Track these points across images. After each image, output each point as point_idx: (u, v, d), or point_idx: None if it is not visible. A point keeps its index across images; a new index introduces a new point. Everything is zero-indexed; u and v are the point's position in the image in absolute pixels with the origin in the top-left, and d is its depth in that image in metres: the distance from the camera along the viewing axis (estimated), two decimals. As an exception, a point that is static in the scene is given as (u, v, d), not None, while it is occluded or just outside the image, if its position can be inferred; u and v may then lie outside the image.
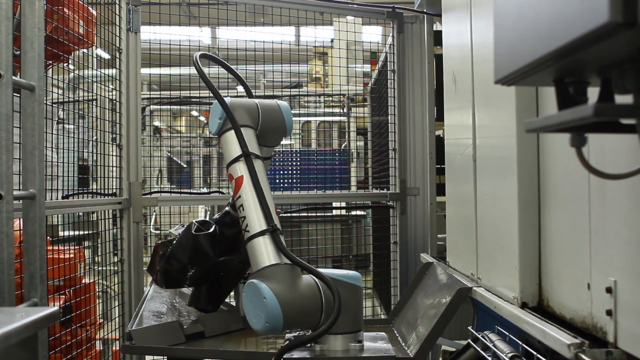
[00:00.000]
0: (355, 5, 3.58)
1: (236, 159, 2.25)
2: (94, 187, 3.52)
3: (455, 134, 2.73)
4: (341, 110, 7.02)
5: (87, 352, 3.03)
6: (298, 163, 5.61)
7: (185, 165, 8.23)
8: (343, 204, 4.89)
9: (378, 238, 4.10)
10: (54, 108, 2.59)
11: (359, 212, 5.56)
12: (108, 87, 3.14)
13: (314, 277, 2.08)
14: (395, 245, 3.65)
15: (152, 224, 6.10)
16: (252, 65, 3.90)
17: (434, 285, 2.66)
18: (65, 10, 2.84)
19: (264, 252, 2.09)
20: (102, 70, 3.16)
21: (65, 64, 3.14)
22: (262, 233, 2.11)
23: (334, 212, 5.36)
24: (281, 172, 5.46)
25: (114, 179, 3.11)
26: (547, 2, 1.03)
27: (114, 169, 3.12)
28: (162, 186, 6.68)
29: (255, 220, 2.14)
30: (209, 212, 6.11)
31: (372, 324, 2.82)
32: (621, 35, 0.88)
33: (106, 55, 3.42)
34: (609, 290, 1.47)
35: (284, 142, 8.62)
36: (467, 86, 2.44)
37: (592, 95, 1.13)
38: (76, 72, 3.46)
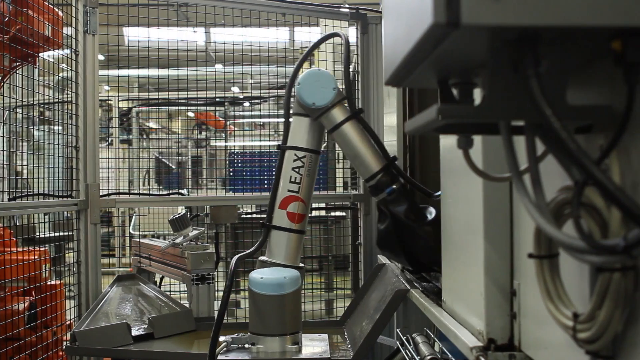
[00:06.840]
0: (317, 7, 3.56)
1: None
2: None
3: (389, 136, 2.74)
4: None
5: (49, 351, 3.03)
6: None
7: (174, 167, 8.19)
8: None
9: (354, 239, 4.08)
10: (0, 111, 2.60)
11: (338, 213, 5.53)
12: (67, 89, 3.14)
13: None
14: (360, 246, 3.64)
15: (132, 224, 6.11)
16: (245, 66, 3.75)
17: (383, 286, 2.65)
18: (30, 12, 2.85)
19: None
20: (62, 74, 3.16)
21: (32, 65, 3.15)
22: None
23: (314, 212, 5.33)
24: (266, 173, 5.43)
25: (73, 181, 3.12)
26: (406, 5, 1.03)
27: (73, 170, 3.13)
28: (150, 187, 6.66)
29: None
30: (187, 212, 6.10)
31: (326, 326, 2.82)
32: (458, 36, 0.88)
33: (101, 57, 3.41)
34: (513, 293, 1.46)
35: (267, 142, 8.47)
36: (392, 89, 2.45)
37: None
38: (64, 73, 3.44)
